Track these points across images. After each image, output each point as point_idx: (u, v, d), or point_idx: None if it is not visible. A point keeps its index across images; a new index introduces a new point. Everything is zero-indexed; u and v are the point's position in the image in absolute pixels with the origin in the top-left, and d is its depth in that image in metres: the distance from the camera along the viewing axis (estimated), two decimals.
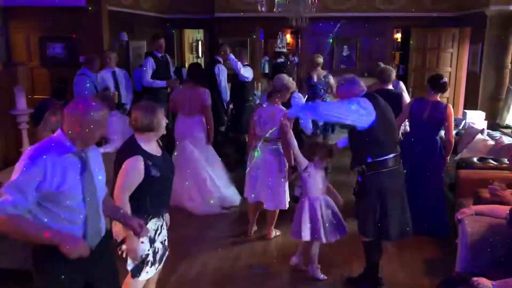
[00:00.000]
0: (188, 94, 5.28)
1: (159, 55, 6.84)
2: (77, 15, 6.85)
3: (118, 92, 6.44)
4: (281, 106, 4.43)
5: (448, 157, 4.65)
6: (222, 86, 6.89)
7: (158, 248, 2.95)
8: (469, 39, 8.06)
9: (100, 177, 2.42)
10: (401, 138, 4.91)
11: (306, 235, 3.74)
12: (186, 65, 9.53)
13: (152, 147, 2.89)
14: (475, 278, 2.57)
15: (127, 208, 2.71)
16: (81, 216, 2.29)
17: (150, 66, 6.67)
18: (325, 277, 3.88)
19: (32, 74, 7.24)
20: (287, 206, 4.51)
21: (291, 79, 4.55)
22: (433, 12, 8.60)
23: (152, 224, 2.88)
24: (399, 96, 5.25)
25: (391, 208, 3.41)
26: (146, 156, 2.79)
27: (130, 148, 2.82)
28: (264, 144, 4.46)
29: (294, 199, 4.87)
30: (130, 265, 2.85)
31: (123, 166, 2.74)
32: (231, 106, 7.14)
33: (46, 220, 2.20)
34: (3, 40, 7.05)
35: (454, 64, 8.45)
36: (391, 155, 3.39)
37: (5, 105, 5.59)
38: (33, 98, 6.77)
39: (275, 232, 4.69)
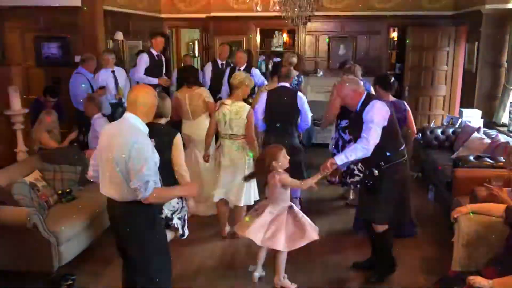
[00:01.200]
0: (188, 97, 5.24)
1: (155, 53, 6.82)
2: (72, 15, 6.82)
3: (118, 90, 6.45)
4: (245, 104, 4.45)
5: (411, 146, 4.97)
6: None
7: None
8: (465, 37, 8.07)
9: None
10: None
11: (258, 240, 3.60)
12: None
13: None
14: (471, 277, 2.56)
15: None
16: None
17: (143, 62, 6.65)
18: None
19: (27, 74, 7.21)
20: (252, 202, 4.50)
21: (248, 75, 4.58)
22: (429, 10, 8.60)
23: None
24: None
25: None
26: None
27: (167, 130, 3.51)
28: (230, 142, 4.46)
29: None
30: (181, 231, 3.76)
31: (176, 144, 3.39)
32: None
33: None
34: None
35: (450, 62, 8.45)
36: (402, 147, 3.61)
37: (0, 106, 5.56)
38: (28, 98, 6.74)
39: None
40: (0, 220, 3.52)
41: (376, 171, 3.55)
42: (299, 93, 4.93)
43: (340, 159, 3.44)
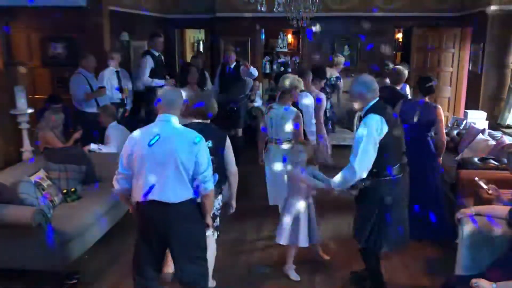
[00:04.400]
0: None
1: (157, 53, 6.82)
2: (78, 15, 6.85)
3: (121, 90, 6.47)
4: (293, 108, 4.35)
5: (441, 157, 4.59)
6: None
7: None
8: (471, 38, 8.04)
9: None
10: None
11: (283, 239, 3.84)
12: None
13: None
14: (474, 280, 2.55)
15: None
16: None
17: (148, 64, 6.62)
18: (298, 278, 3.91)
19: (33, 74, 7.25)
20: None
21: (296, 77, 4.46)
22: (434, 12, 8.58)
23: None
24: None
25: (390, 218, 3.33)
26: None
27: (219, 130, 3.44)
28: (276, 146, 4.41)
29: None
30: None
31: (228, 144, 3.38)
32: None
33: None
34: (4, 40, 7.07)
35: (456, 64, 8.42)
36: (396, 165, 3.31)
37: (6, 105, 5.60)
38: (34, 98, 6.77)
39: None
40: (6, 219, 3.53)
41: (362, 184, 3.36)
42: (304, 93, 4.91)
43: (337, 188, 3.38)
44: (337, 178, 3.35)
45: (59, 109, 5.68)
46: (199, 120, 3.38)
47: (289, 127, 4.30)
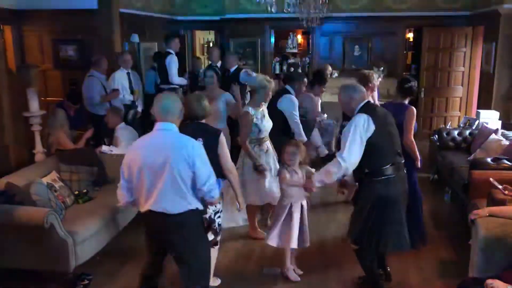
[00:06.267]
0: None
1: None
2: (89, 18, 6.90)
3: (132, 92, 6.50)
4: (246, 111, 4.30)
5: (418, 160, 4.22)
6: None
7: None
8: (483, 38, 7.97)
9: None
10: None
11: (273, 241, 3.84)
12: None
13: None
14: (489, 280, 2.53)
15: None
16: None
17: (176, 63, 6.66)
18: (298, 279, 3.87)
19: (44, 76, 7.32)
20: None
21: (267, 77, 4.42)
22: (445, 11, 8.50)
23: None
24: None
25: (386, 218, 3.30)
26: None
27: (212, 128, 3.45)
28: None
29: None
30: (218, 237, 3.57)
31: (222, 141, 3.35)
32: None
33: None
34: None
35: (467, 63, 8.35)
36: (388, 165, 3.29)
37: (18, 107, 5.64)
38: (46, 100, 6.83)
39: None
40: (18, 220, 3.56)
41: (357, 184, 3.41)
42: (284, 95, 4.83)
43: (318, 181, 3.38)
44: (318, 172, 3.43)
45: (74, 108, 5.73)
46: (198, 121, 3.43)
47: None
